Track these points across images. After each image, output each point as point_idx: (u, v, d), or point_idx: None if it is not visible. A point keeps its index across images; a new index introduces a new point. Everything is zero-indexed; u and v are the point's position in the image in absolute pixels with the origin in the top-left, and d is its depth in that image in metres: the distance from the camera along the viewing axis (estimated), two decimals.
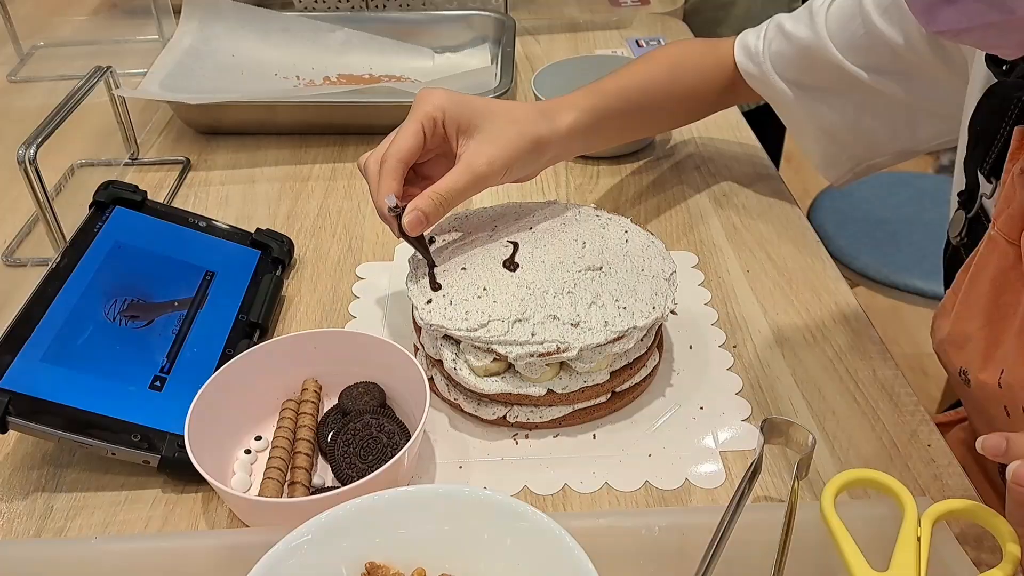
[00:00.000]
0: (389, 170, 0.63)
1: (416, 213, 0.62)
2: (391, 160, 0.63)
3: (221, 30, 1.11)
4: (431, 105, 0.65)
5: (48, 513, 0.59)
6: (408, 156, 0.64)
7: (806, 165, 0.81)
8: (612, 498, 0.59)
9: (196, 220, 0.76)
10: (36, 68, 1.18)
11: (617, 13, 1.35)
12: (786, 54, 0.81)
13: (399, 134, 0.65)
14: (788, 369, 0.69)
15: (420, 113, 0.65)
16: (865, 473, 0.53)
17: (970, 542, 0.55)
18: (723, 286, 0.78)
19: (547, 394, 0.62)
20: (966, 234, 0.66)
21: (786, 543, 0.50)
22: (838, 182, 0.87)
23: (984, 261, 0.60)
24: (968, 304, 0.62)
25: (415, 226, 0.62)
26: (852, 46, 0.76)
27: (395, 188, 0.63)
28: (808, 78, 0.81)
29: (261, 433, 0.63)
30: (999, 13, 0.43)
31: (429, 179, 0.65)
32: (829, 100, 0.81)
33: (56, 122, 0.77)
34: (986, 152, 0.62)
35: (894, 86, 0.76)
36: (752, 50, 0.83)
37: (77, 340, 0.62)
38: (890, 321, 2.10)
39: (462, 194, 0.64)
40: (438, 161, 0.68)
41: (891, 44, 0.73)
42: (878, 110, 0.78)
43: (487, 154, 0.65)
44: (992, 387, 0.59)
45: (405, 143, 0.64)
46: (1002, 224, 0.58)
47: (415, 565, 0.49)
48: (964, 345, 0.62)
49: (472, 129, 0.66)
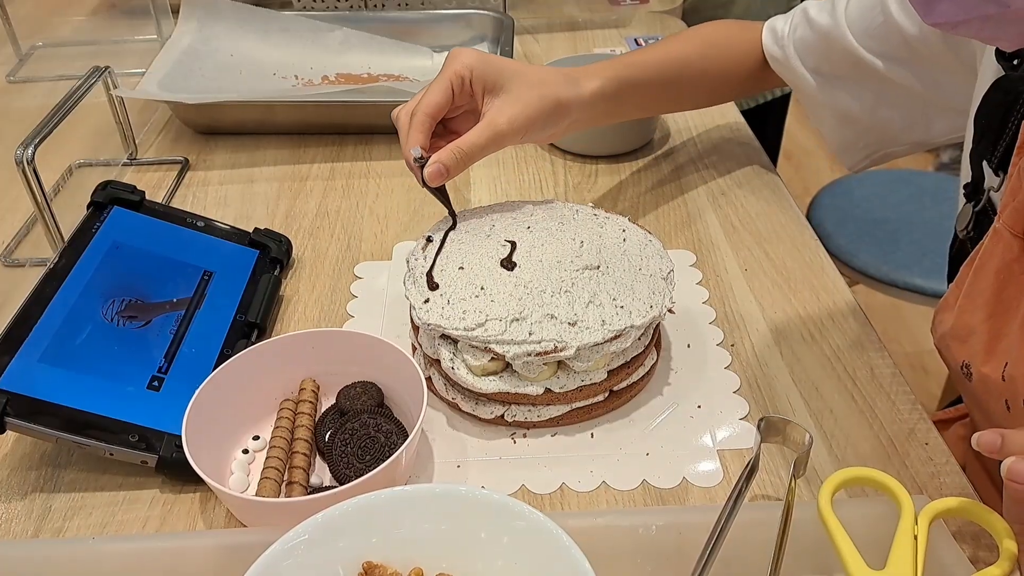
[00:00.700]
0: (417, 123, 0.67)
1: (437, 165, 0.66)
2: (420, 114, 0.67)
3: (220, 30, 1.11)
4: (460, 63, 0.68)
5: (46, 513, 0.59)
6: (436, 111, 0.67)
7: (806, 163, 0.81)
8: (610, 497, 0.59)
9: (194, 220, 0.76)
10: (35, 68, 1.18)
11: (616, 12, 1.35)
12: (808, 40, 0.82)
13: (429, 89, 0.68)
14: (786, 367, 0.69)
15: (450, 71, 0.68)
16: (862, 471, 0.53)
17: (967, 540, 0.55)
18: (721, 285, 0.78)
19: (545, 393, 0.62)
20: (972, 227, 0.66)
21: (783, 542, 0.50)
22: (854, 168, 0.89)
23: (989, 254, 0.60)
24: (972, 297, 0.61)
25: (435, 177, 0.66)
26: (869, 35, 0.77)
27: (422, 140, 0.67)
28: (827, 65, 0.82)
29: (259, 433, 0.63)
30: (995, 6, 0.43)
31: (456, 133, 0.69)
32: (846, 88, 0.82)
33: (54, 122, 0.77)
34: (994, 145, 0.62)
35: (909, 77, 0.77)
36: (779, 34, 0.85)
37: (75, 340, 0.62)
38: (890, 319, 2.10)
39: (483, 150, 0.67)
40: (465, 117, 0.71)
41: (905, 34, 0.74)
42: (893, 101, 0.80)
43: (509, 113, 0.68)
44: (995, 380, 0.59)
45: (433, 98, 0.67)
46: (1007, 217, 0.58)
47: (412, 564, 0.49)
48: (967, 339, 0.62)
49: (498, 88, 0.69)
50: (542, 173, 0.95)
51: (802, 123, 2.89)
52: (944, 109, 0.77)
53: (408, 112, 0.68)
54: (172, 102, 1.00)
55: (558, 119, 0.72)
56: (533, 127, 0.70)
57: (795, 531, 0.51)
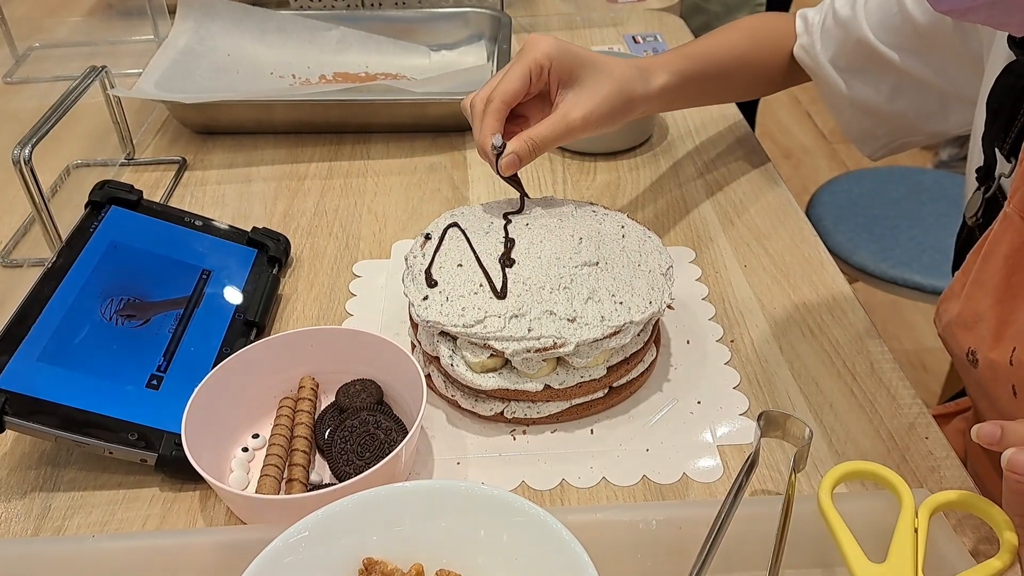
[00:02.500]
0: (494, 110, 0.66)
1: (511, 156, 0.66)
2: (496, 101, 0.66)
3: (217, 29, 1.11)
4: (540, 52, 0.67)
5: (46, 512, 0.59)
6: (513, 99, 0.67)
7: (805, 161, 0.81)
8: (610, 493, 0.59)
9: (192, 219, 0.76)
10: (32, 69, 1.18)
11: (613, 9, 1.35)
12: (830, 31, 0.83)
13: (506, 76, 0.67)
14: (786, 363, 0.69)
15: (529, 59, 0.67)
16: (862, 465, 0.53)
17: (967, 533, 0.55)
18: (720, 281, 0.78)
19: (544, 390, 0.62)
20: (982, 214, 0.66)
21: (783, 536, 0.50)
22: (874, 156, 0.89)
23: (998, 239, 0.60)
24: (980, 283, 0.61)
25: (510, 167, 0.66)
26: (883, 27, 0.78)
27: (498, 128, 0.66)
28: (845, 56, 0.83)
29: (258, 431, 0.63)
30: None
31: (522, 117, 0.70)
32: (864, 79, 0.82)
33: (51, 122, 0.77)
34: (1006, 131, 0.62)
35: (922, 68, 0.77)
36: (810, 22, 0.86)
37: (74, 340, 0.62)
38: (890, 316, 2.10)
39: (555, 143, 0.68)
40: (533, 102, 0.71)
41: (916, 25, 0.75)
42: (911, 92, 0.80)
43: (584, 108, 0.68)
44: (1002, 366, 0.59)
45: (511, 86, 0.67)
46: (1018, 202, 0.58)
47: (413, 561, 0.49)
48: (974, 325, 0.62)
49: (573, 80, 0.68)
50: (541, 170, 0.95)
51: (801, 121, 2.90)
52: (959, 99, 0.78)
53: (483, 99, 0.67)
54: (169, 102, 1.00)
55: (627, 114, 0.72)
56: (604, 123, 0.70)
57: (795, 525, 0.51)
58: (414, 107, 0.99)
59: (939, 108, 0.80)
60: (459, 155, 0.98)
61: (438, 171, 0.96)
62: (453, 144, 1.00)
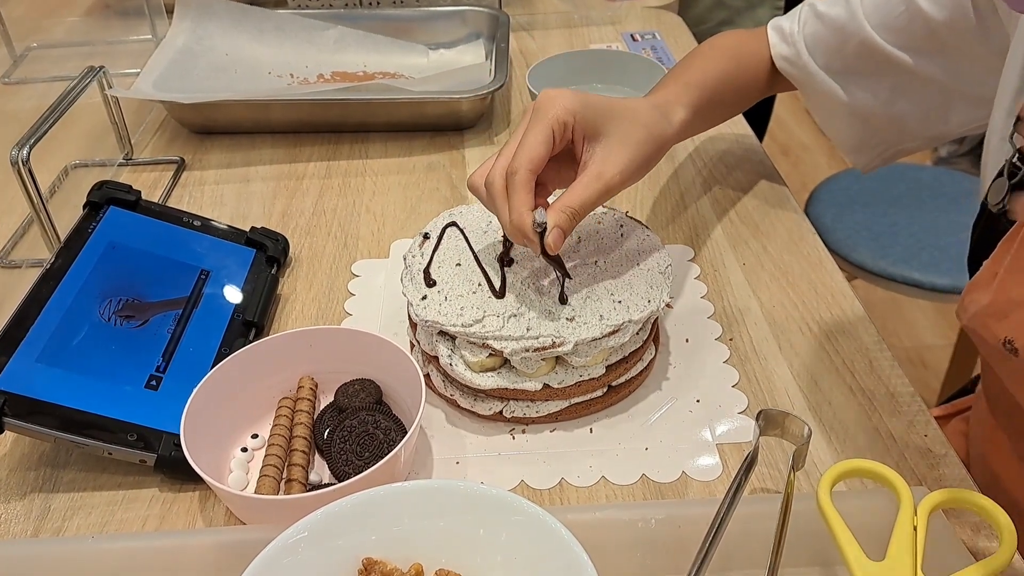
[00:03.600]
0: (522, 183, 0.58)
1: (556, 230, 0.58)
2: (522, 171, 0.58)
3: (214, 29, 1.11)
4: (561, 108, 0.60)
5: (45, 513, 0.59)
6: (539, 165, 0.59)
7: (804, 159, 0.81)
8: (609, 492, 0.59)
9: (191, 219, 0.76)
10: (30, 70, 1.18)
11: (611, 7, 1.35)
12: (820, 36, 0.80)
13: (527, 141, 0.59)
14: (785, 361, 0.69)
15: (551, 117, 0.60)
16: (861, 463, 0.53)
17: (966, 531, 0.55)
18: (719, 279, 0.78)
19: (543, 389, 0.62)
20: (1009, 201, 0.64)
21: (782, 534, 0.51)
22: (866, 168, 0.86)
23: None
24: (1016, 271, 0.58)
25: (558, 244, 0.59)
26: (888, 26, 0.75)
27: (531, 202, 0.58)
28: (841, 60, 0.80)
29: (257, 431, 0.63)
30: None
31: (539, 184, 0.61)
32: (863, 82, 0.80)
33: (49, 123, 0.77)
34: None
35: (932, 67, 0.75)
36: (786, 32, 0.82)
37: (72, 340, 0.62)
38: (890, 314, 2.10)
39: (594, 206, 0.61)
40: (548, 164, 0.61)
41: (930, 22, 0.72)
42: (913, 93, 0.78)
43: (618, 163, 0.62)
44: None
45: (536, 152, 0.59)
46: None
47: (412, 560, 0.49)
48: (1010, 313, 0.59)
49: (599, 134, 0.62)
50: None
51: (799, 119, 2.89)
52: (964, 98, 0.76)
53: (502, 172, 0.59)
54: (167, 102, 1.00)
55: (658, 157, 0.67)
56: (640, 173, 0.64)
57: (794, 523, 0.51)
58: (412, 106, 0.99)
59: (941, 108, 0.78)
60: (457, 154, 0.98)
61: (436, 170, 0.96)
62: (451, 143, 1.00)
